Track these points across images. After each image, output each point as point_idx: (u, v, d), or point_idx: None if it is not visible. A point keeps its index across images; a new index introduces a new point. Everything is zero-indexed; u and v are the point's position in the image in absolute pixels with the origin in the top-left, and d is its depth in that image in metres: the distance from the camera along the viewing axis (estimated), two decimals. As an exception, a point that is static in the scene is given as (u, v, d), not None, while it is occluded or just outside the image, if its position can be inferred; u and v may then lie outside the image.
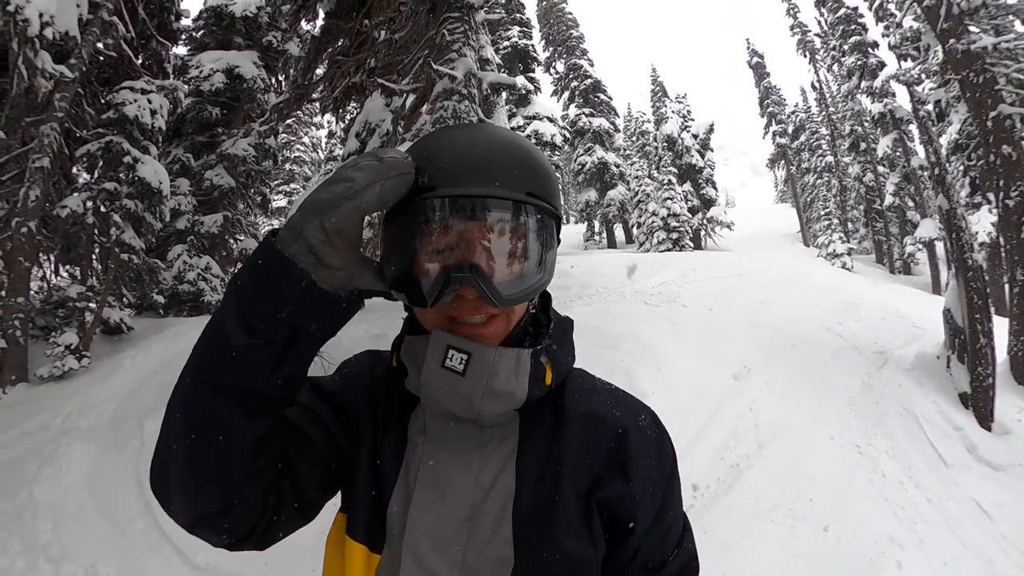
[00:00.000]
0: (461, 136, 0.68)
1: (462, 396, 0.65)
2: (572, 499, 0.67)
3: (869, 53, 20.71)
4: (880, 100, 20.03)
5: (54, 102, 6.78)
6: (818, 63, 28.31)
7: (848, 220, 27.65)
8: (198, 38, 11.10)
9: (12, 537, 3.80)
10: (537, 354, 0.69)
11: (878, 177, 23.72)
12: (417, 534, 0.65)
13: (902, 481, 3.93)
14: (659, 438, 0.74)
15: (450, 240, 0.63)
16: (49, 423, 5.36)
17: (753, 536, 3.32)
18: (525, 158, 0.68)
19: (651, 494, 0.70)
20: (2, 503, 4.17)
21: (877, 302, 8.28)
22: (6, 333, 6.45)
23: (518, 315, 0.70)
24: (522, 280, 0.65)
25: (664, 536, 0.72)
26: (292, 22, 6.29)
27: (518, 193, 0.64)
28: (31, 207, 6.70)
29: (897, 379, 5.47)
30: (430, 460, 0.68)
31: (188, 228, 10.09)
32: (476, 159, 0.65)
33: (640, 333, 5.72)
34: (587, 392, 0.75)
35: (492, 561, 0.65)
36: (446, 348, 0.65)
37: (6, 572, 3.51)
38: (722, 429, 4.49)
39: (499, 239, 0.64)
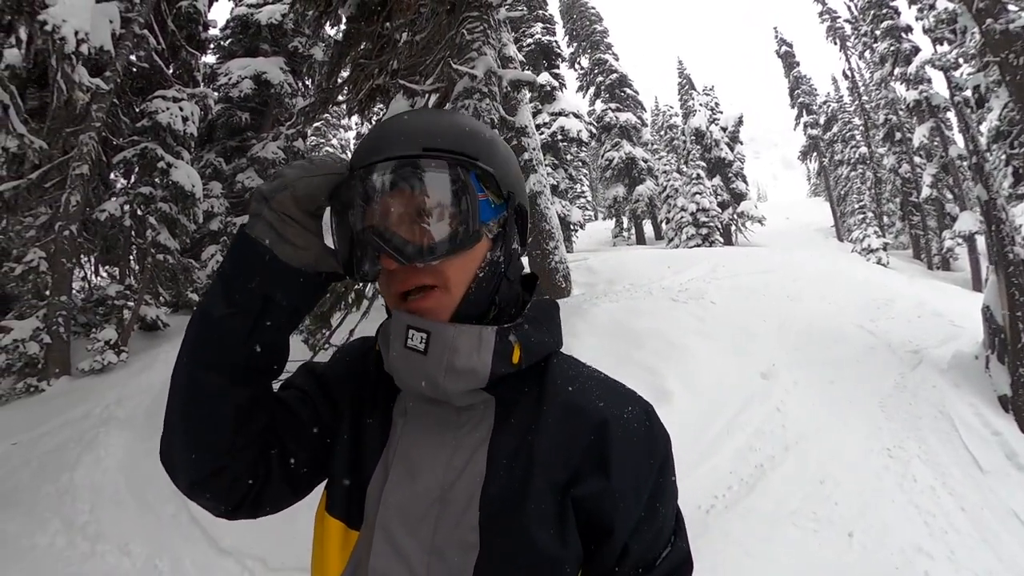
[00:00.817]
0: (381, 122, 0.73)
1: (425, 375, 0.65)
2: (545, 491, 0.64)
3: (902, 38, 19.89)
4: (915, 87, 19.23)
5: (91, 113, 7.09)
6: (849, 50, 27.40)
7: (884, 214, 26.80)
8: (226, 47, 11.43)
9: (54, 517, 4.01)
10: (504, 332, 0.67)
11: (915, 168, 22.87)
12: (389, 512, 0.65)
13: (934, 487, 3.76)
14: (648, 432, 0.68)
15: (358, 214, 0.66)
16: (90, 413, 5.62)
17: (775, 541, 3.24)
18: (425, 119, 0.70)
19: (636, 492, 0.66)
20: (45, 486, 4.41)
21: (913, 299, 7.99)
22: (50, 330, 6.77)
23: (463, 278, 0.67)
24: (434, 236, 0.64)
25: (655, 536, 0.68)
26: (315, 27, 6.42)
27: (409, 150, 0.65)
28: (72, 211, 7.02)
29: (932, 380, 5.27)
30: (407, 440, 0.69)
31: (221, 229, 10.41)
32: (374, 135, 0.70)
33: (666, 330, 5.65)
34: (570, 380, 0.71)
35: (458, 545, 0.63)
36: (406, 328, 0.66)
37: (47, 549, 3.69)
38: (747, 429, 4.41)
39: (397, 200, 0.65)
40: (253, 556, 3.41)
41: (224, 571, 3.36)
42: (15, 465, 4.84)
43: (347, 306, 4.42)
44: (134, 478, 4.39)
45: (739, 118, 26.75)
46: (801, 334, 6.26)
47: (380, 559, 0.64)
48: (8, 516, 4.04)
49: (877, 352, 6.03)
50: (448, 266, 0.66)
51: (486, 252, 0.69)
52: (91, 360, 6.69)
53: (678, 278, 8.38)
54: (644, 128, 27.18)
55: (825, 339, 6.22)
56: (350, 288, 4.27)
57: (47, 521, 3.97)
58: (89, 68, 5.51)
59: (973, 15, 6.42)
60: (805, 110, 31.42)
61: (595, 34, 27.42)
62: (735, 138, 26.54)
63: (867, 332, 6.61)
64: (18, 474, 4.68)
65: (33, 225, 7.41)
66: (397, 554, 0.64)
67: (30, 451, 5.05)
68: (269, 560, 3.34)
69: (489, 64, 5.03)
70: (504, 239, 0.71)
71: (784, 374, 5.26)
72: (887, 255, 21.69)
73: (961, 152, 18.23)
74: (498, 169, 0.70)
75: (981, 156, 5.85)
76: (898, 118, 23.15)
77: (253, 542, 3.46)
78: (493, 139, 0.73)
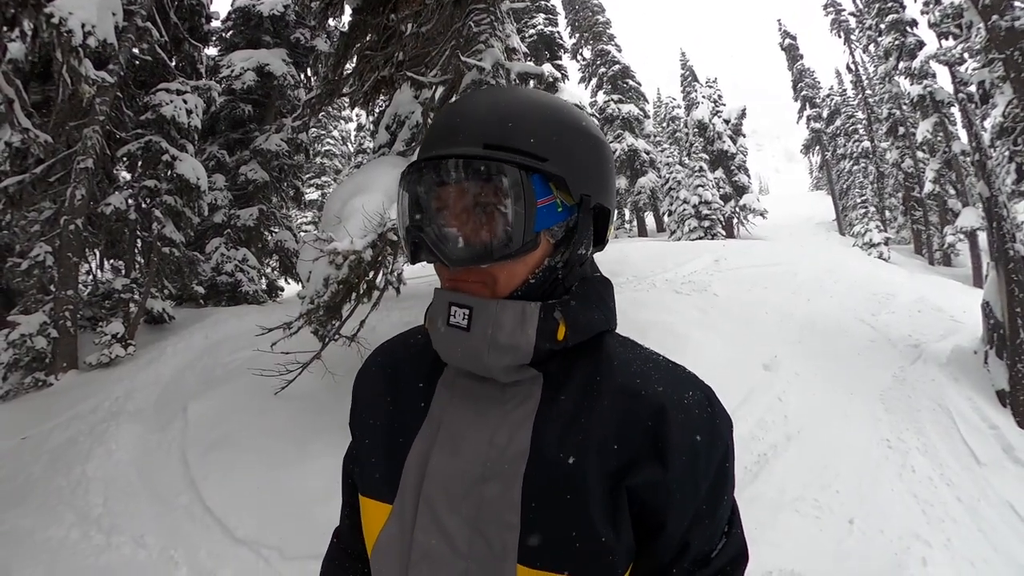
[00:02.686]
0: (458, 101, 0.69)
1: (470, 352, 0.64)
2: (597, 476, 0.61)
3: (907, 32, 19.68)
4: (919, 82, 19.07)
5: (95, 106, 7.07)
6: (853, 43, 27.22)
7: (886, 208, 26.74)
8: (228, 39, 11.35)
9: (68, 510, 4.05)
10: (549, 308, 0.65)
11: (917, 163, 22.78)
12: (434, 486, 0.65)
13: (932, 478, 3.85)
14: (710, 419, 0.64)
15: (419, 202, 0.66)
16: (99, 406, 5.65)
17: (777, 527, 3.31)
18: (496, 107, 0.65)
19: (694, 485, 0.62)
20: (58, 479, 4.44)
21: (914, 294, 8.04)
22: (57, 324, 6.80)
23: (512, 281, 0.65)
24: (481, 240, 0.63)
25: (713, 530, 0.65)
26: (320, 19, 6.40)
27: (472, 148, 0.63)
28: (77, 205, 7.03)
29: (931, 373, 5.34)
30: (451, 414, 0.68)
31: (225, 222, 10.43)
32: (443, 122, 0.67)
33: (670, 322, 5.70)
34: (626, 361, 0.67)
35: (500, 525, 0.61)
36: (448, 305, 0.66)
37: (61, 541, 3.72)
38: (750, 419, 4.48)
39: (451, 198, 0.64)
40: (268, 545, 3.45)
41: (239, 560, 3.40)
42: (26, 460, 4.87)
43: (358, 297, 4.46)
44: (146, 470, 4.44)
45: (742, 110, 26.66)
46: (803, 327, 6.32)
47: (424, 534, 0.64)
48: (22, 510, 4.07)
49: (877, 345, 6.09)
50: (498, 269, 0.65)
51: (543, 258, 0.67)
52: (98, 354, 6.71)
53: (681, 270, 8.43)
54: (646, 120, 27.09)
55: (826, 332, 6.28)
56: (361, 279, 4.31)
57: (61, 514, 4.02)
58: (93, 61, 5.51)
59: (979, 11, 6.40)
60: (808, 103, 31.34)
61: (597, 25, 27.26)
62: (738, 131, 26.45)
63: (868, 326, 6.66)
64: (30, 468, 4.71)
65: (38, 220, 7.41)
66: (440, 530, 0.63)
67: (41, 445, 5.09)
68: (285, 549, 3.39)
69: (497, 56, 5.04)
70: (569, 244, 0.67)
71: (786, 365, 5.32)
72: (888, 250, 21.68)
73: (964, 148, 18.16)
74: (572, 169, 0.66)
75: (984, 152, 5.87)
76: (901, 113, 23.03)
77: (268, 531, 3.51)
78: (574, 130, 0.68)
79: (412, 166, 0.67)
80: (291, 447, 4.32)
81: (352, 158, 25.05)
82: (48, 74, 6.75)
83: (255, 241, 10.89)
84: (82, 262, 7.84)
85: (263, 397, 4.95)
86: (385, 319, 6.13)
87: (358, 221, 4.18)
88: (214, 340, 6.96)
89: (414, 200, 0.67)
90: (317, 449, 4.14)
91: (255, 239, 10.88)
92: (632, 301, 6.35)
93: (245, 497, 3.90)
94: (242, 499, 3.89)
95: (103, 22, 6.17)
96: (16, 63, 7.01)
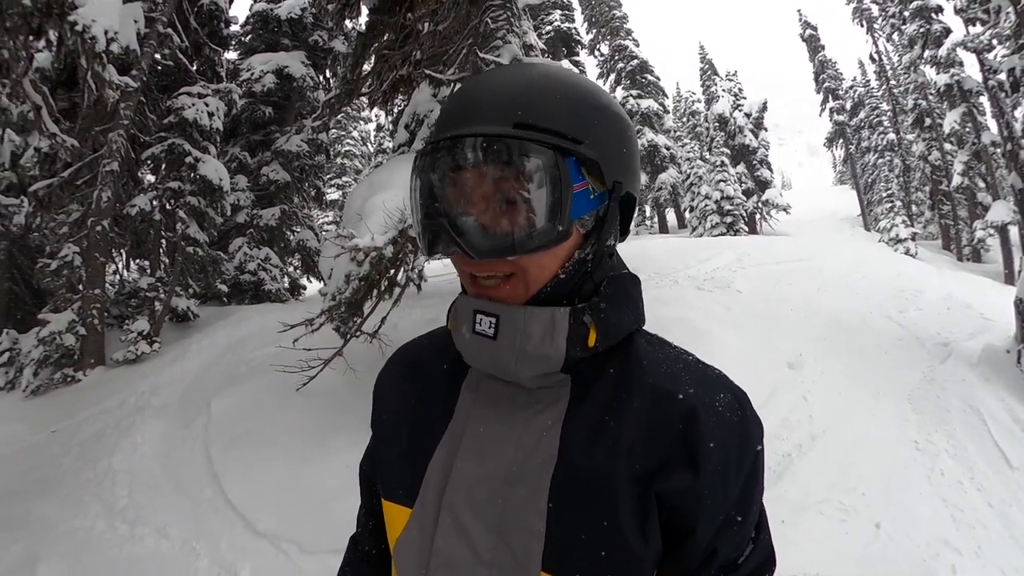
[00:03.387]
0: (473, 79, 0.64)
1: (496, 361, 0.61)
2: (625, 481, 0.58)
3: (932, 19, 19.07)
4: (946, 70, 18.40)
5: (120, 111, 7.26)
6: (876, 32, 26.50)
7: (912, 203, 26.13)
8: (247, 42, 11.58)
9: (94, 501, 4.17)
10: (579, 313, 0.61)
11: (945, 155, 22.15)
12: (457, 491, 0.62)
13: (962, 482, 3.71)
14: (741, 423, 0.62)
15: (434, 189, 0.61)
16: (125, 402, 5.80)
17: (801, 528, 3.25)
18: (527, 85, 0.60)
19: (724, 490, 0.60)
20: (85, 471, 4.58)
21: (942, 291, 7.82)
22: (85, 322, 6.99)
23: (539, 274, 0.61)
24: (511, 229, 0.58)
25: (741, 536, 0.63)
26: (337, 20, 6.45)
27: (500, 127, 0.57)
28: (104, 207, 7.21)
29: (961, 373, 5.18)
30: (476, 418, 0.65)
31: (248, 222, 10.61)
32: (464, 98, 0.61)
33: (692, 319, 5.63)
34: (656, 361, 0.64)
35: (525, 531, 0.59)
36: (473, 313, 0.62)
37: (88, 531, 3.83)
38: (774, 418, 4.39)
39: (477, 183, 0.58)
40: (288, 539, 3.49)
41: (260, 553, 3.44)
42: (55, 452, 5.03)
43: (379, 294, 4.48)
44: (170, 463, 4.53)
45: (763, 104, 26.27)
46: (828, 324, 6.19)
47: (445, 539, 0.62)
48: (51, 500, 4.20)
49: (905, 344, 5.94)
50: (527, 261, 0.60)
51: (574, 249, 0.62)
52: (125, 351, 6.88)
53: (703, 267, 8.33)
54: (666, 115, 26.87)
55: (852, 330, 6.14)
56: (382, 276, 4.34)
57: (88, 505, 4.12)
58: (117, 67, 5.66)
59: (1009, -5, 6.19)
60: (831, 95, 30.71)
61: (614, 20, 27.07)
62: (759, 124, 26.08)
63: (895, 323, 6.50)
64: (59, 460, 4.86)
65: (66, 222, 7.62)
66: (462, 535, 0.61)
67: (70, 439, 5.24)
68: (304, 544, 3.42)
69: (514, 53, 5.02)
70: (599, 234, 0.63)
71: (811, 364, 5.22)
72: (915, 245, 21.19)
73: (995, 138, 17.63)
74: (606, 154, 0.61)
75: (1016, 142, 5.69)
76: (928, 103, 22.40)
77: (288, 526, 3.55)
78: (606, 112, 0.63)
79: (427, 148, 0.61)
80: (312, 443, 4.37)
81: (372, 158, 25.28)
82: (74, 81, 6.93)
83: (277, 240, 11.06)
84: (109, 262, 8.04)
85: (285, 393, 5.02)
86: (407, 316, 6.17)
87: (379, 218, 4.21)
88: (237, 337, 7.08)
89: (429, 185, 0.61)
90: (337, 445, 4.18)
91: (277, 238, 11.05)
92: (654, 298, 6.28)
93: (266, 492, 3.95)
94: (263, 493, 3.94)
95: (125, 29, 6.32)
96: (43, 71, 7.20)
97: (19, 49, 4.23)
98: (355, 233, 4.28)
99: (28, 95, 4.66)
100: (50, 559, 3.51)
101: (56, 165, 7.58)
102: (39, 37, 4.47)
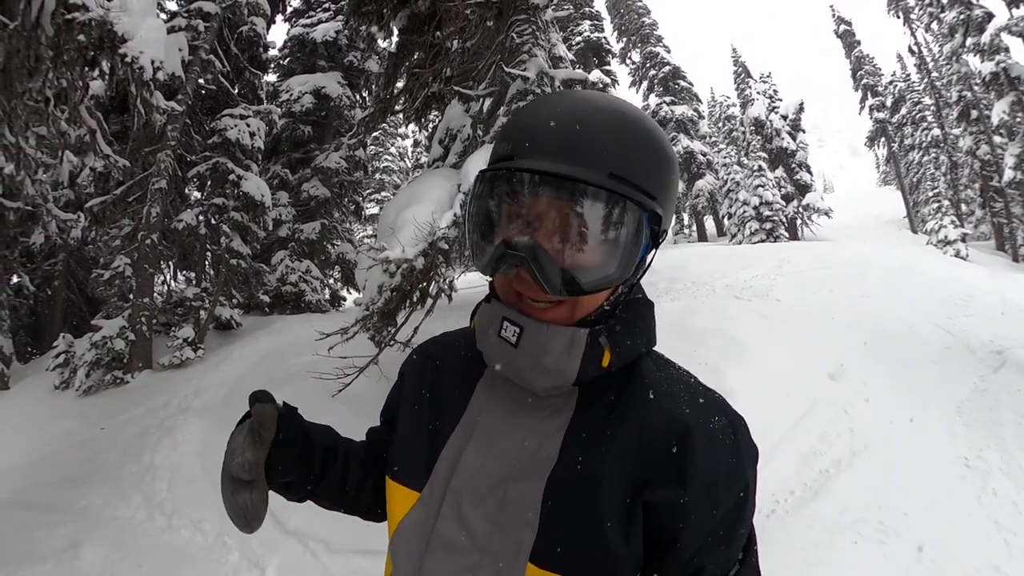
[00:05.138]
0: (556, 103, 0.65)
1: (512, 367, 0.66)
2: (614, 488, 0.62)
3: (973, 4, 17.91)
4: (991, 58, 17.17)
5: (167, 133, 7.70)
6: (913, 23, 25.00)
7: (961, 201, 24.84)
8: (285, 65, 12.05)
9: (135, 493, 4.40)
10: (596, 334, 0.65)
11: (995, 149, 20.82)
12: (461, 481, 0.67)
13: (1016, 503, 3.46)
14: (733, 445, 0.64)
15: (516, 214, 0.63)
16: (169, 402, 6.08)
17: (836, 550, 3.11)
18: (619, 133, 0.62)
19: (711, 508, 0.62)
20: (129, 465, 4.84)
21: (995, 295, 7.46)
22: (135, 328, 7.38)
23: (588, 307, 0.66)
24: (587, 271, 0.62)
25: (727, 555, 0.65)
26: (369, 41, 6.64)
27: (596, 175, 0.60)
28: (153, 222, 7.61)
29: (1016, 383, 4.91)
30: (488, 415, 0.70)
31: (289, 235, 10.97)
32: (559, 129, 0.62)
33: (728, 329, 5.54)
34: (657, 381, 0.68)
35: (519, 524, 0.63)
36: (501, 319, 0.66)
37: (128, 520, 4.07)
38: (813, 432, 4.27)
39: (567, 223, 0.61)
40: (316, 538, 3.58)
41: (288, 550, 3.54)
42: (102, 447, 5.31)
43: (411, 304, 4.58)
44: (208, 461, 4.71)
45: (800, 105, 25.58)
46: (872, 333, 6.00)
47: (446, 524, 0.67)
48: (96, 491, 4.46)
49: (955, 352, 5.69)
50: (584, 298, 0.65)
51: (620, 287, 0.68)
52: (170, 356, 7.21)
53: (742, 275, 8.19)
54: (701, 120, 26.42)
55: (898, 338, 5.93)
56: (415, 287, 4.43)
57: (129, 496, 4.36)
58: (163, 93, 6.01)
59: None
60: (870, 92, 29.57)
61: (644, 27, 26.89)
62: (796, 126, 25.39)
63: (944, 331, 6.24)
64: (105, 454, 5.13)
65: (118, 235, 8.08)
66: (462, 523, 0.66)
67: (116, 435, 5.52)
68: (331, 543, 3.51)
69: (540, 65, 5.08)
70: (638, 271, 0.68)
71: (853, 375, 5.06)
72: (966, 247, 20.08)
73: (1050, 128, 16.63)
74: (668, 207, 0.66)
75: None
76: (973, 94, 21.07)
77: (317, 525, 3.63)
78: (670, 164, 0.67)
79: (510, 170, 0.63)
80: (345, 447, 4.47)
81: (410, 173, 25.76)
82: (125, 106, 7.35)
83: (318, 253, 11.39)
84: (157, 273, 8.44)
85: (321, 399, 5.16)
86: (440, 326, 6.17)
87: (410, 231, 4.31)
88: (278, 345, 7.33)
89: (507, 207, 0.64)
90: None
91: (318, 251, 11.38)
92: (691, 308, 6.21)
93: (298, 492, 4.07)
94: (295, 493, 4.06)
95: (171, 57, 6.70)
96: (97, 98, 7.67)
97: (76, 79, 4.57)
98: (387, 246, 4.39)
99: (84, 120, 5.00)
100: (92, 543, 3.73)
101: (109, 183, 8.12)
102: (93, 68, 4.80)
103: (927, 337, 6.06)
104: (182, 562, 3.59)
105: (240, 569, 3.49)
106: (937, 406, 4.67)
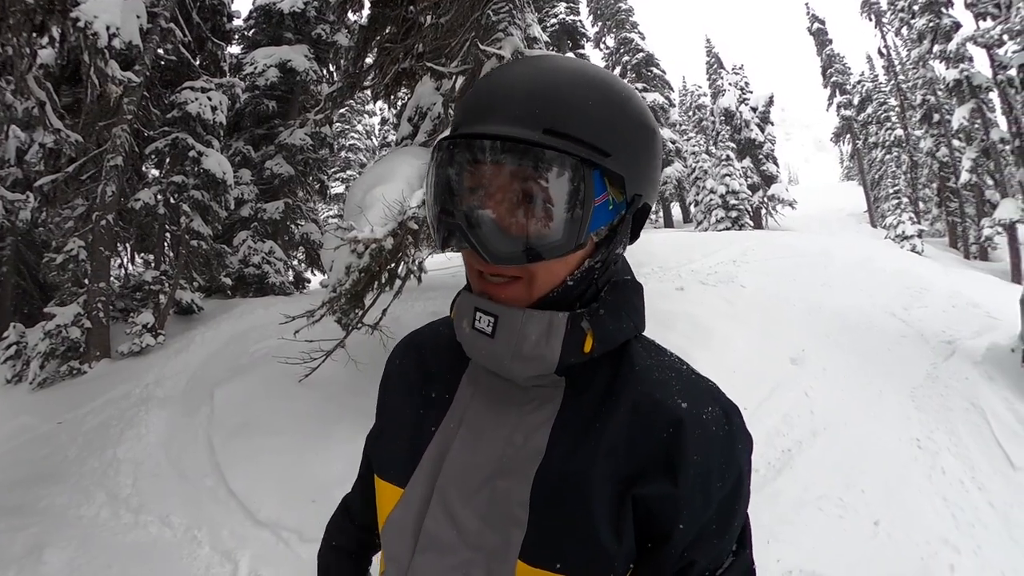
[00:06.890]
0: (502, 70, 0.62)
1: (492, 358, 0.63)
2: (605, 481, 0.60)
3: (942, 13, 18.80)
4: (955, 65, 18.13)
5: (123, 106, 7.27)
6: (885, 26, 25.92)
7: (919, 199, 25.82)
8: (250, 36, 11.53)
9: (99, 490, 4.24)
10: (577, 318, 0.62)
11: (953, 152, 21.78)
12: (448, 479, 0.65)
13: (963, 481, 3.69)
14: (728, 437, 0.61)
15: (453, 184, 0.60)
16: (130, 392, 5.86)
17: (799, 524, 3.24)
18: (567, 89, 0.58)
19: (704, 501, 0.60)
20: (91, 460, 4.66)
21: (948, 289, 7.76)
22: (91, 315, 7.05)
23: (546, 282, 0.61)
24: (526, 236, 0.57)
25: (721, 548, 0.63)
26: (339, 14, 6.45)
27: (529, 132, 0.56)
28: (108, 202, 7.24)
29: (965, 371, 5.14)
30: (473, 410, 0.67)
31: (252, 215, 10.62)
32: (492, 93, 0.60)
33: (695, 313, 5.63)
34: (648, 369, 0.65)
35: (508, 521, 0.61)
36: (474, 310, 0.63)
37: (93, 519, 3.92)
38: (776, 413, 4.40)
39: (500, 186, 0.58)
40: (288, 528, 3.53)
41: (260, 541, 3.49)
42: (62, 442, 5.09)
43: (380, 286, 4.50)
44: (173, 453, 4.59)
45: (770, 98, 26.08)
46: (832, 320, 6.18)
47: (434, 522, 0.65)
48: (57, 489, 4.27)
49: (909, 341, 5.92)
50: (539, 267, 0.60)
51: (584, 258, 0.63)
52: (130, 343, 6.93)
53: (707, 261, 8.34)
54: (672, 108, 26.71)
55: (856, 326, 6.12)
56: (384, 268, 4.35)
57: (92, 493, 4.20)
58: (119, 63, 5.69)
59: (1020, -11, 6.10)
60: (838, 90, 30.42)
61: (620, 12, 26.90)
62: (766, 119, 25.89)
63: (899, 321, 6.47)
64: (65, 450, 4.92)
65: (71, 216, 7.67)
66: (450, 520, 0.64)
67: (75, 429, 5.30)
68: (303, 532, 3.47)
69: (516, 45, 5.00)
70: (610, 244, 0.63)
71: (813, 360, 5.21)
72: (922, 243, 20.89)
73: (1004, 135, 17.44)
74: (630, 167, 0.61)
75: (1025, 138, 5.61)
76: (936, 99, 22.05)
77: (289, 514, 3.59)
78: (635, 124, 0.62)
79: (450, 141, 0.60)
80: (313, 433, 4.40)
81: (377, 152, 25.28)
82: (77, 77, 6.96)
83: (281, 234, 11.09)
84: (113, 256, 8.10)
85: (287, 384, 5.06)
86: (409, 309, 6.18)
87: (379, 210, 4.22)
88: (241, 330, 7.14)
89: (448, 180, 0.61)
90: (338, 435, 4.21)
91: (281, 232, 11.08)
92: (658, 292, 6.29)
93: (268, 481, 4.00)
94: (265, 483, 3.99)
95: (127, 24, 6.33)
96: (46, 67, 7.21)
97: (22, 46, 4.25)
98: (355, 225, 4.29)
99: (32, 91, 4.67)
100: (56, 545, 3.57)
101: (61, 160, 7.59)
102: (42, 34, 4.48)
103: (884, 326, 6.28)
104: (152, 559, 3.48)
105: (212, 563, 3.40)
106: (892, 391, 4.86)
